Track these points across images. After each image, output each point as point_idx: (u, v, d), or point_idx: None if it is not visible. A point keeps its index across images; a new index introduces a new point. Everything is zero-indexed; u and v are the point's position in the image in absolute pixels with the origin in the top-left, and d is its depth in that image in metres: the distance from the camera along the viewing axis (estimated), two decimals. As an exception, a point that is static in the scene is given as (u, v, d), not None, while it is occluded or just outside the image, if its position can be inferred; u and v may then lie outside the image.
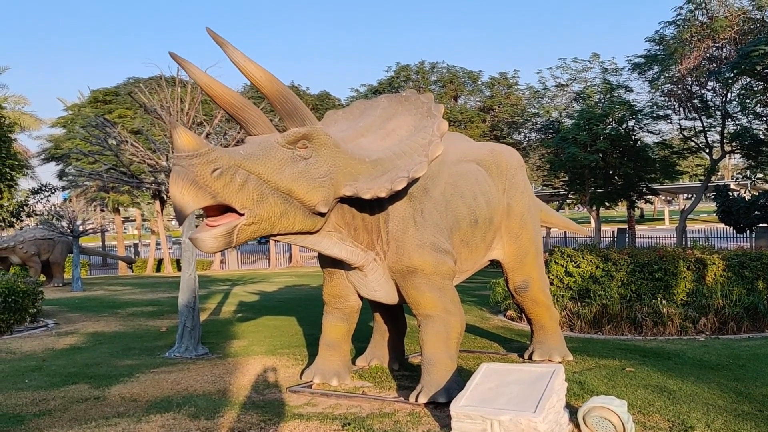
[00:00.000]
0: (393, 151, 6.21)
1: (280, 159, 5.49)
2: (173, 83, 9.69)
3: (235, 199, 5.23)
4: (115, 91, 35.35)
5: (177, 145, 5.04)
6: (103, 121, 10.08)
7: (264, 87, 5.40)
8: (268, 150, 5.48)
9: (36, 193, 25.21)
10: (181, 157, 5.03)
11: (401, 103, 6.75)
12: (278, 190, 5.46)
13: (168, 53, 5.56)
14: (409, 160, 6.15)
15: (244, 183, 5.25)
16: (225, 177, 5.13)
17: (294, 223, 5.70)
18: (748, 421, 5.63)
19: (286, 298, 17.10)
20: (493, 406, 5.17)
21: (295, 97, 5.60)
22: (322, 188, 5.69)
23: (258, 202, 5.35)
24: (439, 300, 6.59)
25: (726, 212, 25.89)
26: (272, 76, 5.45)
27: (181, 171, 5.04)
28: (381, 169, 6.05)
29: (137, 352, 9.59)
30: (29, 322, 12.57)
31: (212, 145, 5.21)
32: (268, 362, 8.52)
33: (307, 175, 5.60)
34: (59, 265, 23.69)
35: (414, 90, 7.01)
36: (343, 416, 6.01)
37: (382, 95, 7.06)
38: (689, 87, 28.40)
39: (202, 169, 5.04)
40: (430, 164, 6.20)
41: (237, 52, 5.32)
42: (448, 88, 36.85)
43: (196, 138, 5.08)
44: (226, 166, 5.13)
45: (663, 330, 10.41)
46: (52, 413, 6.31)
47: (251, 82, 5.44)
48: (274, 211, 5.47)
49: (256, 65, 5.38)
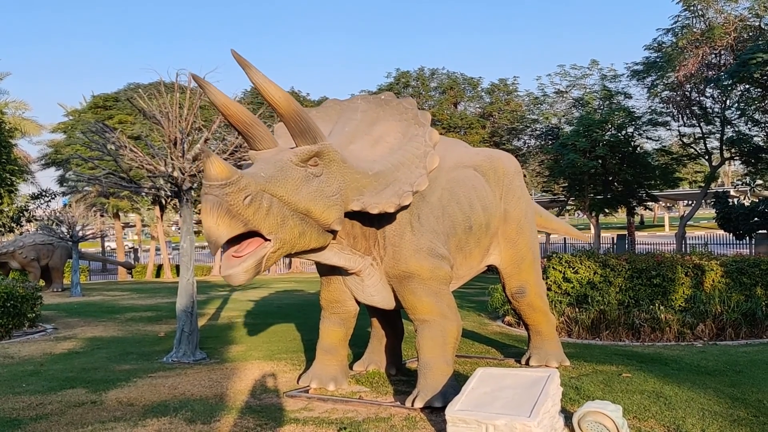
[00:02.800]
0: (391, 163, 6.20)
1: (296, 179, 5.51)
2: (172, 89, 9.72)
3: (263, 225, 5.26)
4: (115, 97, 35.41)
5: (209, 174, 5.03)
6: (103, 126, 10.10)
7: (281, 107, 5.43)
8: (284, 171, 5.48)
9: (36, 198, 25.28)
10: (214, 186, 5.03)
11: (381, 106, 6.71)
12: (297, 211, 5.49)
13: (189, 74, 5.63)
14: (408, 172, 6.17)
15: (270, 207, 5.28)
16: (255, 204, 5.16)
17: (310, 242, 5.74)
18: (743, 426, 5.64)
19: (285, 304, 17.11)
20: (489, 411, 5.19)
21: (309, 116, 5.63)
22: (336, 206, 5.73)
23: (281, 226, 5.38)
24: (436, 305, 6.61)
25: (725, 219, 25.92)
26: (290, 97, 5.50)
27: (215, 201, 5.04)
28: (383, 183, 6.07)
29: (135, 357, 9.60)
30: (28, 326, 12.57)
31: (239, 171, 5.23)
32: (266, 367, 8.53)
33: (322, 194, 5.62)
34: (58, 270, 23.69)
35: (392, 93, 6.99)
36: (339, 421, 6.02)
37: (357, 96, 7.01)
38: (688, 94, 28.49)
39: (235, 198, 5.05)
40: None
41: (259, 73, 5.35)
42: (448, 94, 36.97)
43: (228, 166, 5.08)
44: (254, 192, 5.15)
45: (661, 336, 10.42)
46: (48, 417, 6.31)
47: (269, 102, 5.46)
48: (294, 232, 5.51)
49: (276, 87, 5.42)
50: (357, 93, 7.39)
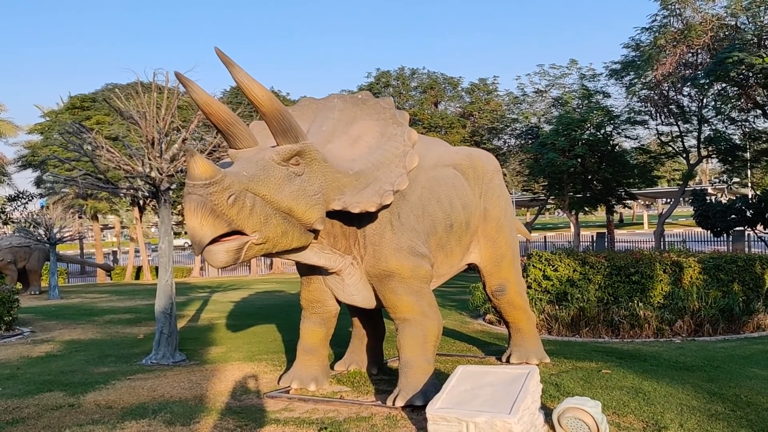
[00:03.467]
0: (371, 162, 6.20)
1: (279, 178, 5.49)
2: (150, 89, 9.64)
3: (247, 224, 5.24)
4: (92, 98, 35.02)
5: (193, 173, 4.99)
6: (79, 127, 9.99)
7: (264, 106, 5.41)
8: (266, 169, 5.46)
9: (13, 200, 24.88)
10: (198, 186, 5.00)
11: (358, 105, 6.71)
12: (279, 210, 5.48)
13: (175, 73, 5.58)
14: (388, 171, 6.17)
15: (253, 206, 5.26)
16: (239, 203, 5.13)
17: (292, 242, 5.73)
18: (720, 421, 5.70)
19: (266, 305, 17.03)
20: (469, 408, 5.20)
21: (291, 116, 5.61)
22: (318, 205, 5.72)
23: (264, 224, 5.36)
24: (417, 303, 6.61)
25: (703, 216, 26.17)
26: (272, 96, 5.49)
27: (198, 200, 5.00)
28: (363, 182, 6.07)
29: (113, 360, 9.50)
30: (4, 330, 12.39)
31: (222, 170, 5.18)
32: (246, 368, 8.48)
33: (304, 193, 5.61)
34: (36, 273, 23.41)
35: (369, 92, 6.98)
36: (320, 421, 6.00)
37: (333, 94, 6.98)
38: (665, 92, 28.76)
39: (219, 197, 5.02)
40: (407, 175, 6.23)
41: (242, 72, 5.33)
42: (429, 94, 37.02)
43: (211, 165, 5.05)
44: (238, 191, 5.13)
45: (640, 332, 10.51)
46: (25, 421, 6.23)
47: (251, 100, 5.43)
48: (277, 231, 5.50)
49: (259, 85, 5.40)
50: (337, 93, 7.39)
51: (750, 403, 6.28)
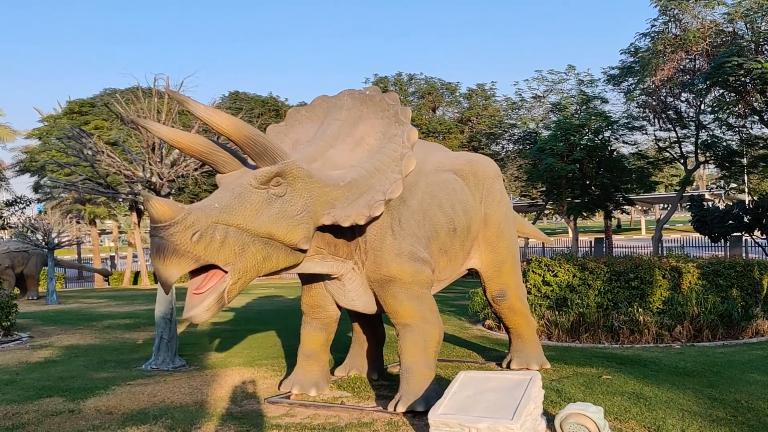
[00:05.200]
0: (366, 169, 6.14)
1: (256, 203, 5.45)
2: (150, 94, 9.65)
3: (218, 258, 5.20)
4: (91, 102, 35.02)
5: (152, 216, 4.99)
6: (80, 132, 9.99)
7: (232, 135, 5.37)
8: (242, 196, 5.44)
9: (10, 205, 24.87)
10: (159, 228, 4.99)
11: (366, 103, 6.67)
12: (258, 236, 5.43)
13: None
14: (383, 178, 6.11)
15: (224, 238, 5.22)
16: (205, 238, 5.10)
17: (278, 264, 5.71)
18: (722, 426, 5.70)
19: (265, 310, 17.02)
20: (471, 414, 5.19)
21: (264, 138, 5.54)
22: (301, 225, 5.66)
23: (240, 255, 5.32)
24: (417, 309, 6.60)
25: (701, 222, 26.22)
26: (238, 123, 5.44)
27: (161, 243, 5.01)
28: (356, 192, 6.01)
29: (113, 365, 9.48)
30: (2, 335, 12.36)
31: (186, 207, 5.17)
32: (247, 374, 8.47)
33: (284, 215, 5.56)
34: (34, 278, 23.33)
35: (377, 88, 6.94)
36: (321, 426, 5.99)
37: (344, 91, 6.91)
38: (663, 98, 28.86)
39: (181, 237, 5.00)
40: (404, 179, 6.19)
41: (200, 106, 5.34)
42: (427, 100, 37.09)
43: (170, 206, 5.03)
44: (204, 227, 5.10)
45: (639, 338, 10.51)
46: (25, 427, 6.21)
47: (219, 132, 5.43)
48: (257, 258, 5.46)
49: (221, 115, 5.38)
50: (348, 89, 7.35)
51: (751, 408, 6.29)
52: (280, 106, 36.17)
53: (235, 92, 36.63)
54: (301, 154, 6.19)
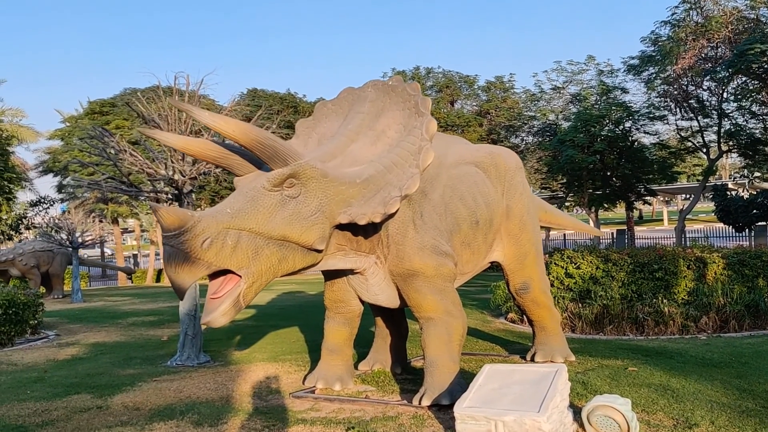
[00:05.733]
0: (383, 164, 6.11)
1: (269, 206, 5.47)
2: (170, 92, 9.71)
3: (230, 263, 5.25)
4: (112, 102, 35.36)
5: (162, 225, 5.05)
6: (102, 131, 10.08)
7: (240, 139, 5.39)
8: (255, 200, 5.46)
9: (34, 205, 25.24)
10: (169, 237, 5.06)
11: (388, 94, 6.61)
12: (272, 239, 5.45)
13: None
14: (400, 173, 6.06)
15: (237, 243, 5.26)
16: (216, 245, 5.14)
17: (295, 264, 5.72)
18: (752, 417, 5.63)
19: (287, 305, 17.09)
20: (497, 407, 5.17)
21: (274, 140, 5.53)
22: (315, 226, 5.66)
23: (254, 258, 5.35)
24: (441, 302, 6.59)
25: (725, 211, 25.94)
26: (245, 127, 5.45)
27: (171, 251, 5.09)
28: (373, 189, 5.98)
29: (139, 362, 9.58)
30: (30, 333, 12.55)
31: (196, 214, 5.22)
32: (271, 369, 8.51)
33: (298, 216, 5.57)
34: (59, 277, 23.65)
35: (400, 77, 6.89)
36: (347, 420, 6.00)
37: (369, 82, 6.86)
38: (685, 87, 28.51)
39: (192, 244, 5.06)
40: (423, 172, 6.14)
41: (204, 113, 5.39)
42: (445, 93, 36.98)
43: (179, 214, 5.08)
44: (214, 233, 5.14)
45: (664, 329, 10.41)
46: (55, 423, 6.29)
47: (226, 137, 5.46)
48: (272, 260, 5.49)
49: (226, 120, 5.41)
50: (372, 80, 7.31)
51: (781, 400, 6.20)
52: (298, 102, 36.25)
53: (254, 89, 36.76)
54: (320, 151, 6.20)
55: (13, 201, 22.69)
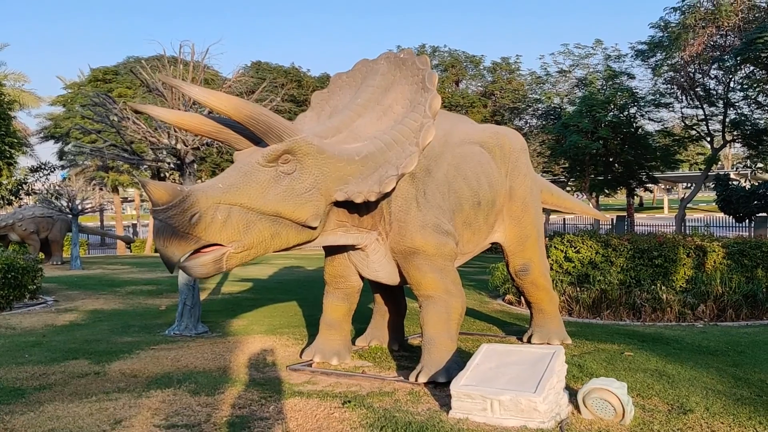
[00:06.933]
0: (384, 141, 6.06)
1: (262, 182, 5.45)
2: (174, 62, 9.63)
3: (220, 237, 5.26)
4: (115, 70, 35.13)
5: (151, 199, 5.06)
6: (105, 98, 10.01)
7: (232, 115, 5.36)
8: (248, 175, 5.45)
9: (35, 171, 25.10)
10: (158, 212, 5.06)
11: (399, 67, 6.54)
12: (264, 214, 5.45)
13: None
14: (399, 151, 6.01)
15: (227, 217, 5.26)
16: (205, 219, 5.15)
17: (288, 241, 5.72)
18: (747, 405, 5.66)
19: (285, 280, 17.12)
20: (494, 386, 5.20)
21: (267, 116, 5.48)
22: (309, 203, 5.64)
23: (245, 232, 5.36)
24: (441, 281, 6.59)
25: (726, 201, 25.93)
26: (238, 102, 5.41)
27: (160, 225, 5.11)
28: (372, 166, 5.94)
29: (137, 330, 9.61)
30: (28, 298, 12.57)
31: (185, 188, 5.21)
32: (268, 341, 8.54)
33: (292, 193, 5.55)
34: (58, 244, 23.66)
35: (411, 50, 6.77)
36: (343, 394, 6.03)
37: (382, 54, 6.78)
38: (692, 75, 28.34)
39: (180, 219, 5.06)
40: (424, 150, 6.07)
41: (194, 88, 5.36)
42: (450, 72, 36.71)
43: (167, 189, 5.07)
44: (204, 208, 5.15)
45: (662, 316, 10.44)
46: (52, 387, 6.32)
47: (218, 112, 5.43)
48: (264, 235, 5.49)
49: (218, 96, 5.37)
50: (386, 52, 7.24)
51: (776, 389, 6.23)
52: (302, 76, 36.02)
53: (258, 62, 36.51)
54: (323, 126, 6.16)
55: (14, 166, 22.55)
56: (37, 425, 5.15)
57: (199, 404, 5.71)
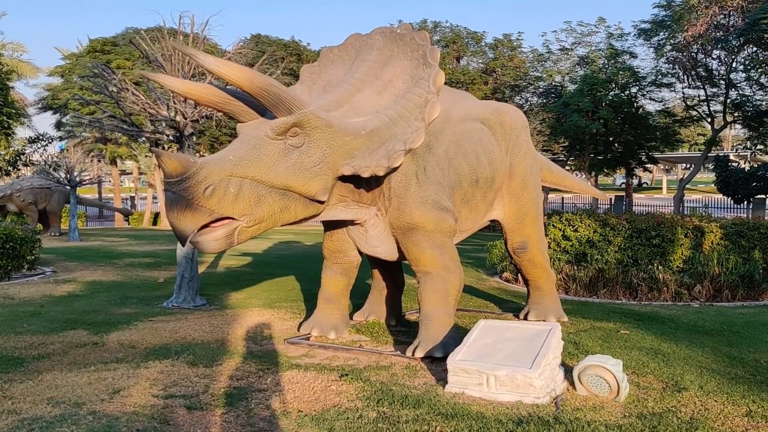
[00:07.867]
0: (389, 116, 6.04)
1: (272, 155, 5.42)
2: (174, 33, 9.55)
3: (232, 210, 5.23)
4: (113, 41, 34.82)
5: (164, 171, 5.00)
6: (104, 68, 9.94)
7: (244, 86, 5.30)
8: (258, 148, 5.41)
9: (33, 142, 25.02)
10: (171, 183, 5.02)
11: (396, 42, 6.49)
12: (274, 187, 5.43)
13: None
14: (405, 126, 6.00)
15: (239, 191, 5.24)
16: (218, 192, 5.12)
17: (296, 214, 5.71)
18: (741, 384, 5.70)
19: (284, 254, 17.16)
20: (490, 362, 5.24)
21: (278, 88, 5.43)
22: (318, 177, 5.62)
23: (256, 205, 5.34)
24: (439, 257, 6.60)
25: (725, 182, 25.92)
26: (250, 73, 5.35)
27: (173, 197, 5.06)
28: (378, 141, 5.92)
29: (135, 302, 9.64)
30: (27, 269, 12.60)
31: (199, 161, 5.16)
32: (266, 315, 8.58)
33: (301, 166, 5.53)
34: (56, 215, 23.67)
35: (409, 25, 6.69)
36: (340, 368, 6.07)
37: (376, 29, 6.73)
38: (694, 55, 28.18)
39: (194, 191, 5.03)
40: (428, 126, 6.08)
41: (208, 58, 5.28)
42: (451, 48, 36.43)
43: (182, 160, 5.03)
44: (217, 180, 5.12)
45: (658, 295, 10.48)
46: (51, 357, 6.35)
47: (230, 83, 5.37)
48: (274, 208, 5.48)
49: (231, 66, 5.30)
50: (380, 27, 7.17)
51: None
52: (302, 50, 35.77)
53: (258, 35, 36.22)
54: (325, 100, 6.12)
55: (11, 137, 22.46)
56: (35, 394, 5.18)
57: (197, 375, 5.75)
